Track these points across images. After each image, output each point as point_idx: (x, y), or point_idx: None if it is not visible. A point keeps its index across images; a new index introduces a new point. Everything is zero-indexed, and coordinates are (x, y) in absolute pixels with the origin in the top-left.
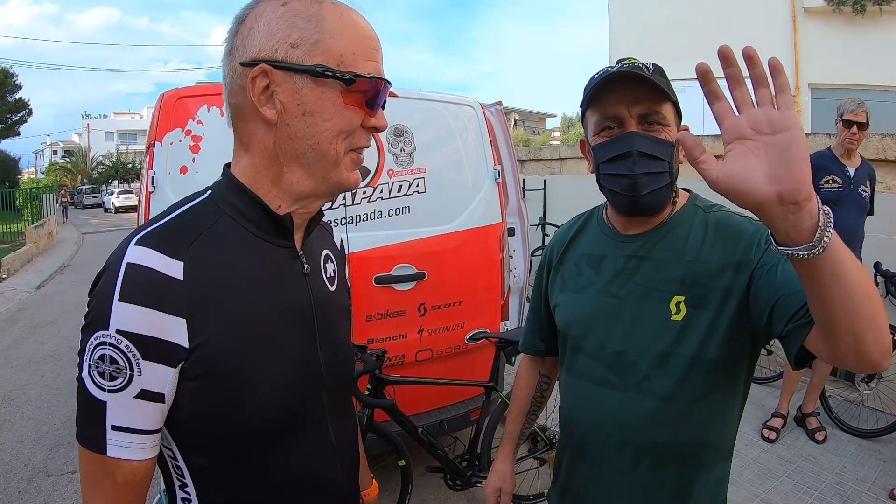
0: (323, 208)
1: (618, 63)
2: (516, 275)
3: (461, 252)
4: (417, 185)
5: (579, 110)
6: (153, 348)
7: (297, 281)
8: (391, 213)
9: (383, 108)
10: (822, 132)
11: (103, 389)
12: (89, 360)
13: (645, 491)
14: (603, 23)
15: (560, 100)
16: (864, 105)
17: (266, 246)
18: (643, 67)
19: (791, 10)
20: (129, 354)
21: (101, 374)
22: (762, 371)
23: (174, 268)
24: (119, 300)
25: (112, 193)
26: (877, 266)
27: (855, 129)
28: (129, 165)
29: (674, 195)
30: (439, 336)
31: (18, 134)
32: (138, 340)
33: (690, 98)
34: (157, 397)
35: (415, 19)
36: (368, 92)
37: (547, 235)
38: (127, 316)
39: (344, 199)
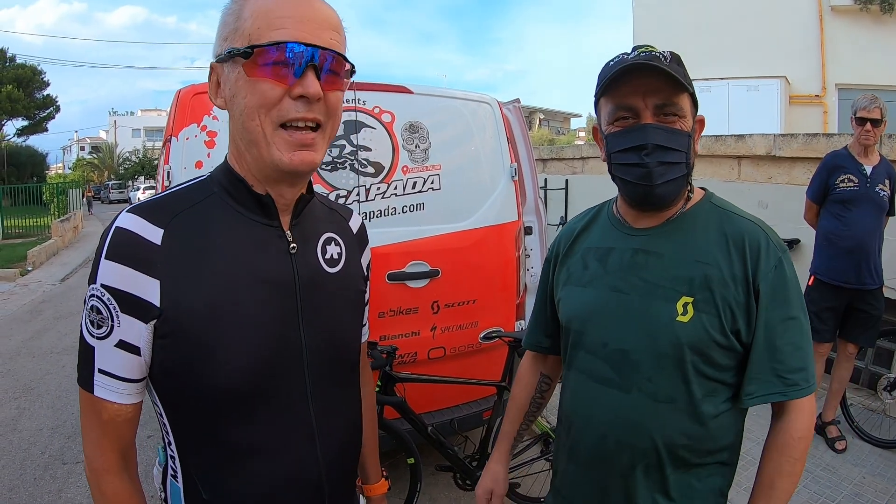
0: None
1: (634, 50)
2: (533, 274)
3: (476, 250)
4: (432, 182)
5: None
6: (129, 303)
7: (280, 259)
8: (405, 209)
9: (320, 75)
10: (848, 132)
11: (92, 336)
12: (86, 309)
13: (641, 492)
14: (628, 23)
15: (585, 100)
16: (877, 101)
17: (249, 223)
18: (660, 56)
19: (818, 9)
20: (110, 306)
21: (92, 323)
22: None
23: (154, 233)
24: (105, 258)
25: (138, 189)
26: None
27: (869, 125)
28: (156, 162)
29: (688, 188)
30: (452, 334)
31: (46, 130)
32: (117, 294)
33: (715, 98)
34: (133, 349)
35: (440, 19)
36: (279, 60)
37: None
38: (110, 272)
39: (358, 195)
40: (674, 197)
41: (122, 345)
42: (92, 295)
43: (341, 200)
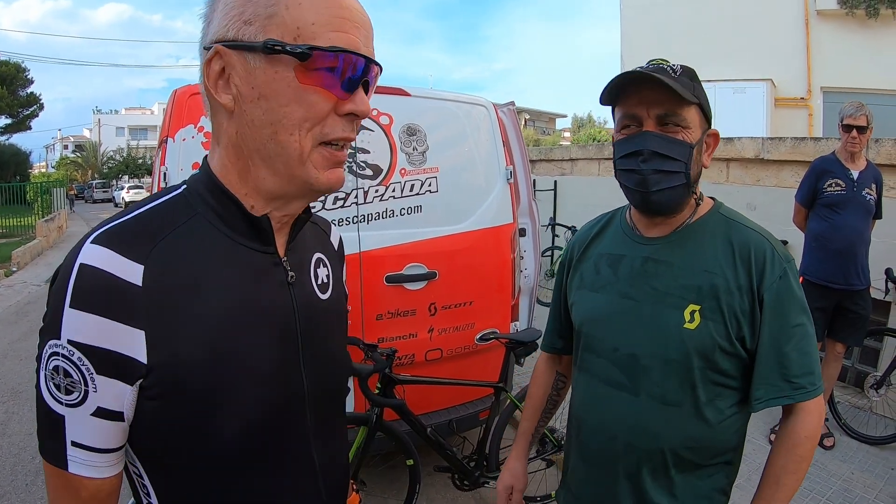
0: (329, 207)
1: (648, 63)
2: (527, 275)
3: (472, 252)
4: (430, 185)
5: (590, 111)
6: (108, 362)
7: (278, 292)
8: (403, 212)
9: (367, 91)
10: (835, 137)
11: (60, 403)
12: (45, 370)
13: (647, 492)
14: (616, 24)
15: (571, 100)
16: (863, 108)
17: (242, 251)
18: (668, 70)
19: (804, 12)
20: (83, 368)
21: (58, 387)
22: None
23: (133, 272)
24: (70, 306)
25: (122, 188)
26: (888, 272)
27: (855, 132)
28: (140, 161)
29: (695, 198)
30: (449, 336)
31: (30, 128)
32: (91, 352)
33: None
34: (115, 416)
35: (427, 18)
36: (336, 69)
37: (557, 236)
38: (79, 324)
39: (356, 197)
40: (673, 205)
41: (101, 412)
42: (54, 353)
43: (339, 203)
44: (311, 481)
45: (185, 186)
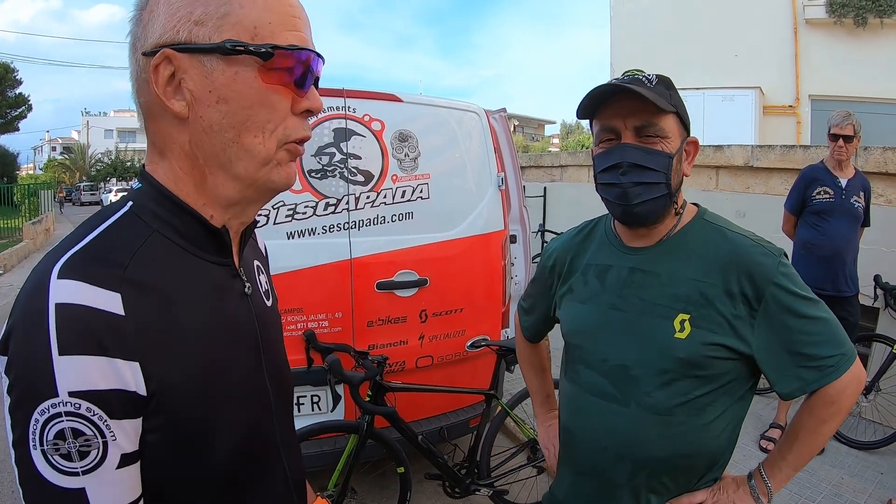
0: (320, 213)
1: (623, 75)
2: (517, 282)
3: (463, 259)
4: (421, 191)
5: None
6: (118, 403)
7: (240, 304)
8: (394, 218)
9: (316, 85)
10: (823, 144)
11: (76, 475)
12: (42, 446)
13: (637, 501)
14: (605, 31)
15: (559, 107)
16: (850, 118)
17: (204, 265)
18: (644, 80)
19: (793, 21)
20: (96, 418)
21: (67, 456)
22: (760, 382)
23: (112, 302)
24: (62, 353)
25: (110, 191)
26: (876, 279)
27: (841, 141)
28: (128, 164)
29: (676, 207)
30: (440, 343)
31: (18, 129)
32: (100, 398)
33: (690, 107)
34: (135, 458)
35: (417, 23)
36: (294, 68)
37: (546, 242)
38: (77, 372)
39: (347, 203)
40: (655, 216)
41: (125, 460)
42: (54, 416)
43: (330, 209)
44: (287, 491)
45: (130, 203)
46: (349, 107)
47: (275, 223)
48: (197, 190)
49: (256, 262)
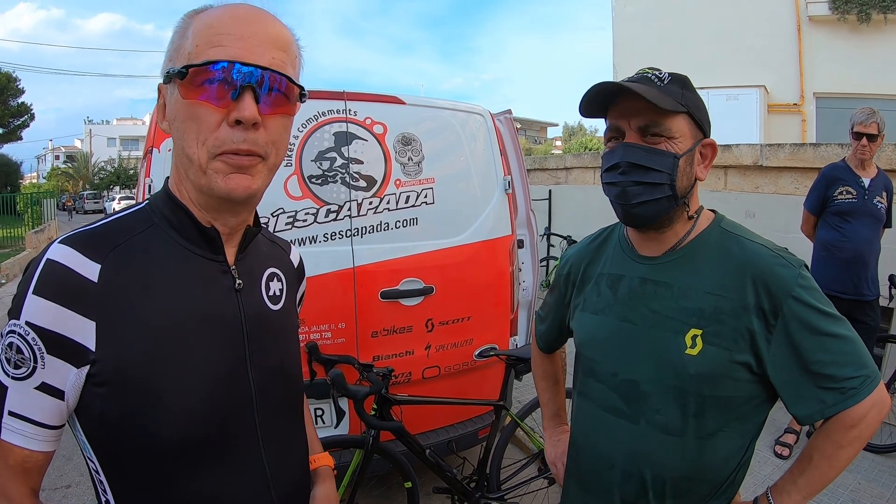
0: (321, 220)
1: (637, 73)
2: (525, 288)
3: (470, 266)
4: (426, 196)
5: (580, 119)
6: (58, 344)
7: (225, 296)
8: (398, 224)
9: (267, 96)
10: (830, 142)
11: (7, 375)
12: (1, 346)
13: None
14: (607, 32)
15: (562, 109)
16: (874, 115)
17: (193, 258)
18: (654, 78)
19: (796, 19)
20: (35, 347)
21: (7, 361)
22: None
23: (90, 269)
24: (33, 293)
25: (113, 199)
26: (891, 278)
27: (865, 140)
28: (132, 171)
29: (689, 211)
30: (447, 352)
31: (21, 138)
32: (44, 334)
33: None
34: (57, 393)
35: (417, 28)
36: (214, 80)
37: (552, 246)
38: (37, 309)
39: (349, 210)
40: (658, 218)
41: (45, 388)
42: (11, 332)
43: (332, 216)
44: (262, 487)
45: (147, 201)
46: (350, 110)
47: (274, 231)
48: (182, 192)
49: (273, 270)
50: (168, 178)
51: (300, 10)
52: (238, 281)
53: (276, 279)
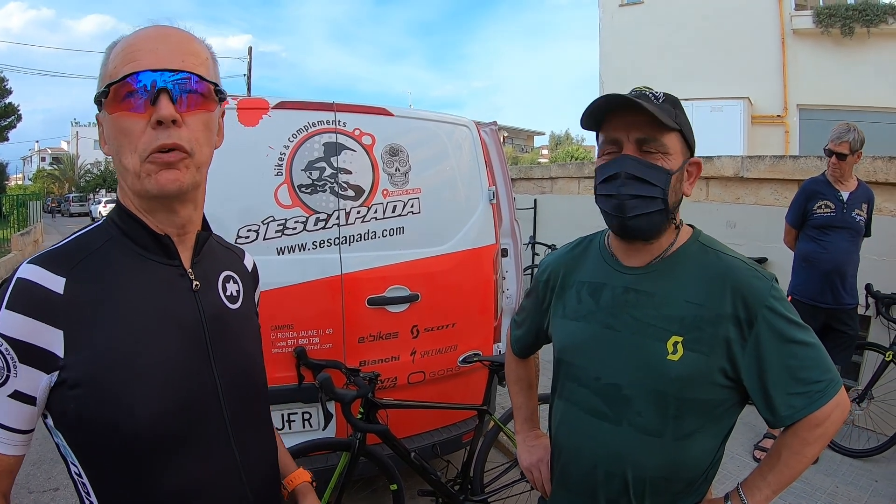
0: (310, 228)
1: (631, 91)
2: (509, 296)
3: (455, 274)
4: (412, 206)
5: (567, 128)
6: (29, 353)
7: (184, 297)
8: (385, 233)
9: (170, 96)
10: (811, 154)
11: None
12: None
13: None
14: (594, 43)
15: (549, 118)
16: (848, 134)
17: (150, 264)
18: (651, 96)
19: (780, 32)
20: (8, 357)
21: None
22: None
23: (56, 283)
24: (6, 308)
25: (99, 202)
26: (868, 287)
27: (835, 158)
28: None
29: (675, 224)
30: (432, 358)
31: (7, 139)
32: (16, 344)
33: None
34: (28, 399)
35: (408, 35)
36: (132, 92)
37: (537, 255)
38: (9, 322)
39: (338, 218)
40: (651, 230)
41: (17, 395)
42: None
43: (320, 224)
44: (234, 474)
45: (105, 217)
46: (339, 121)
47: (265, 238)
48: (132, 203)
49: (228, 273)
50: (119, 194)
51: (293, 16)
52: (195, 282)
53: (231, 281)
